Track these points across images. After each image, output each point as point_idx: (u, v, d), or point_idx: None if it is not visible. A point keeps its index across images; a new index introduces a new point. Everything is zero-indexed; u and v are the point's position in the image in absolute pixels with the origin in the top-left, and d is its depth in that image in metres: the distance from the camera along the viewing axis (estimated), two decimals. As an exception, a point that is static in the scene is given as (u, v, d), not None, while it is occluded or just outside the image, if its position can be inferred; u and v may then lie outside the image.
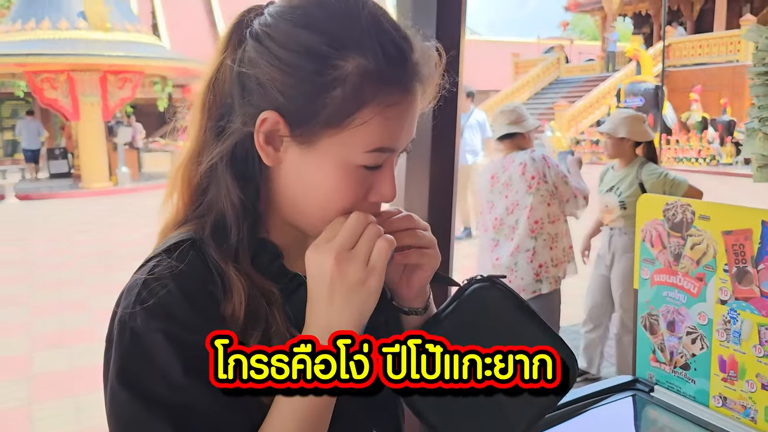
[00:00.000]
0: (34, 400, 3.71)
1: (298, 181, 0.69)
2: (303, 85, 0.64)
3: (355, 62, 0.64)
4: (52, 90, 13.27)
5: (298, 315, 0.69)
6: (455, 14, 1.50)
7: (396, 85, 0.65)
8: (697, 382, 1.30)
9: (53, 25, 13.04)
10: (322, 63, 0.63)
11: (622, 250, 3.48)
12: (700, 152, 16.15)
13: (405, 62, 0.66)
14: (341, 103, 0.64)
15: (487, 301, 0.80)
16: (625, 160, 3.50)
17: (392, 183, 0.71)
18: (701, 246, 1.26)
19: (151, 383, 0.61)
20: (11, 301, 5.83)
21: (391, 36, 0.66)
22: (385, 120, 0.65)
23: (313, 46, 0.64)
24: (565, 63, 24.83)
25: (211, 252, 0.68)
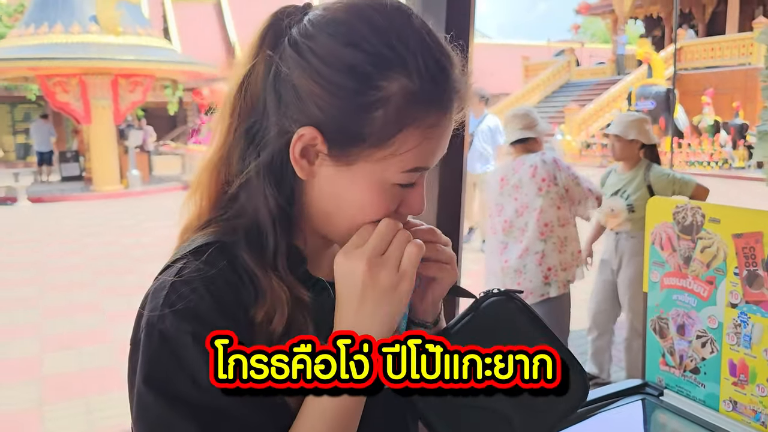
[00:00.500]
0: (45, 402, 3.73)
1: (331, 196, 0.68)
2: (344, 104, 0.63)
3: (398, 83, 0.63)
4: (64, 93, 13.39)
5: (320, 319, 0.69)
6: (464, 17, 1.50)
7: (437, 106, 0.65)
8: (707, 386, 1.29)
9: (66, 29, 13.16)
10: (365, 82, 0.62)
11: (630, 254, 3.46)
12: (712, 156, 16.04)
13: (446, 82, 0.66)
14: (383, 125, 0.63)
15: (501, 316, 0.80)
16: (630, 163, 3.48)
17: (422, 198, 0.71)
18: (711, 249, 1.25)
19: (178, 385, 0.61)
20: (23, 303, 5.87)
21: (434, 54, 0.65)
22: (424, 140, 0.65)
23: (356, 64, 0.63)
24: (575, 66, 24.75)
25: (244, 257, 0.67)
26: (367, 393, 0.65)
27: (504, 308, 0.80)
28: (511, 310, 0.80)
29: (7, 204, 13.14)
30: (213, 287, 0.63)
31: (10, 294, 6.21)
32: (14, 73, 14.33)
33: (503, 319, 0.80)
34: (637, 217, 3.37)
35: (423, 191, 0.71)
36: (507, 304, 0.80)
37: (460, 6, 1.49)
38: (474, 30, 1.56)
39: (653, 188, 3.36)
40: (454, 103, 0.67)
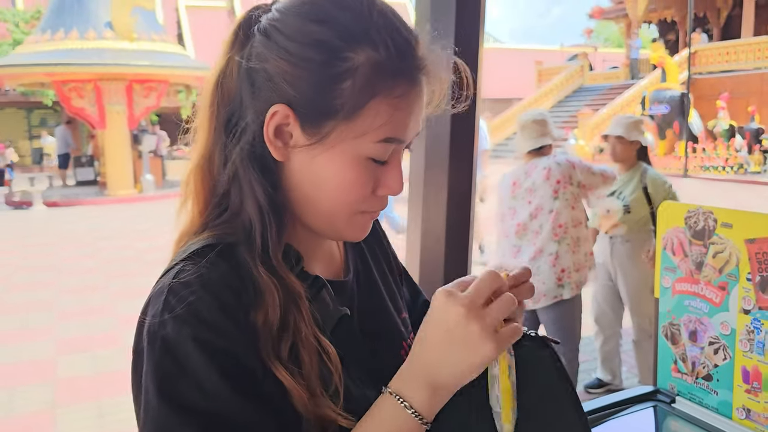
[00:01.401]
0: (58, 404, 3.76)
1: (309, 177, 0.68)
2: (313, 77, 0.64)
3: (365, 55, 0.64)
4: (80, 99, 13.54)
5: (323, 316, 0.69)
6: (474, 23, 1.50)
7: (404, 77, 0.66)
8: (720, 393, 1.27)
9: (81, 36, 13.31)
10: (332, 55, 0.63)
11: (627, 260, 3.45)
12: (727, 161, 15.87)
13: (412, 56, 0.66)
14: (352, 95, 0.64)
15: (530, 361, 0.77)
16: (627, 164, 3.49)
17: (400, 177, 0.70)
18: (724, 254, 1.23)
19: (184, 392, 0.60)
20: (38, 306, 5.93)
21: (399, 30, 0.67)
22: (394, 110, 0.65)
23: (323, 38, 0.64)
24: (588, 71, 24.66)
25: (245, 256, 0.66)
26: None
27: (535, 354, 0.76)
28: (543, 358, 0.77)
29: (23, 208, 13.29)
30: (212, 287, 0.62)
31: (26, 297, 6.28)
32: (31, 79, 14.52)
33: (531, 365, 0.77)
34: (632, 219, 3.38)
35: (400, 170, 0.70)
36: (540, 351, 0.77)
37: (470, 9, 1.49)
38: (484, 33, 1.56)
39: (649, 191, 3.36)
40: (422, 77, 0.67)
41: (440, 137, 1.52)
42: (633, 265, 3.43)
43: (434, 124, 1.52)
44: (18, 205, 13.57)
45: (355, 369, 0.71)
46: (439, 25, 1.50)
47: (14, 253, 8.52)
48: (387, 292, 0.87)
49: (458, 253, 1.59)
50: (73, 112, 14.31)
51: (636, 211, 3.37)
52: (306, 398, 0.64)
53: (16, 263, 7.91)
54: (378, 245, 0.93)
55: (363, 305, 0.80)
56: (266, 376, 0.63)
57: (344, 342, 0.71)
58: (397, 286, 0.93)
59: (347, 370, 0.70)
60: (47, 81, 14.27)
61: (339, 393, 0.66)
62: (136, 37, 13.53)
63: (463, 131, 1.52)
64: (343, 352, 0.69)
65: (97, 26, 13.44)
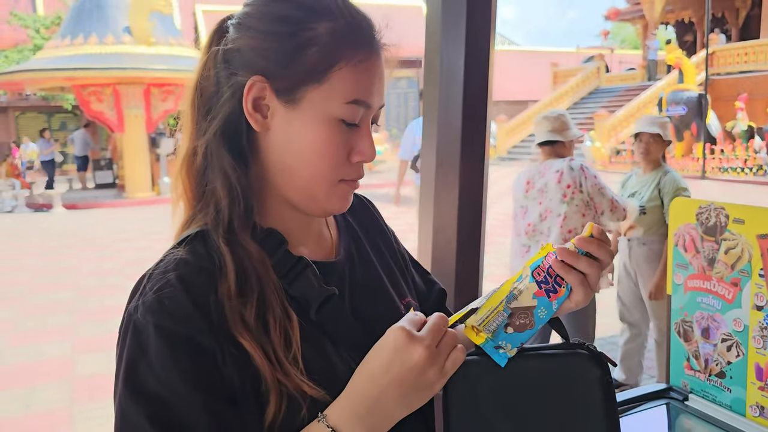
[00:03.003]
0: (76, 402, 3.82)
1: (287, 145, 0.72)
2: (282, 47, 0.70)
3: (326, 25, 0.71)
4: (99, 103, 13.71)
5: (306, 295, 0.73)
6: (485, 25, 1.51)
7: (363, 46, 0.72)
8: (733, 390, 1.26)
9: (100, 41, 13.49)
10: (296, 27, 0.70)
11: (644, 262, 3.44)
12: (746, 162, 15.66)
13: (369, 26, 0.74)
14: (318, 59, 0.70)
15: (579, 374, 0.76)
16: (654, 164, 3.47)
17: (370, 142, 0.75)
18: (736, 250, 1.23)
19: (141, 375, 0.64)
20: (58, 306, 6.02)
21: (356, 8, 0.74)
22: (357, 74, 0.71)
23: (287, 13, 0.71)
24: (605, 72, 24.48)
25: (213, 236, 0.71)
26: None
27: (587, 369, 0.76)
28: (593, 377, 0.75)
29: (43, 211, 13.48)
30: (185, 274, 0.67)
31: (46, 298, 6.37)
32: (51, 84, 14.74)
33: (579, 378, 0.76)
34: (647, 221, 3.35)
35: (370, 136, 0.75)
36: (593, 368, 0.76)
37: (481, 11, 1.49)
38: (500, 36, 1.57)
39: (661, 192, 3.34)
40: (381, 50, 0.74)
41: (451, 137, 1.52)
42: (650, 268, 3.41)
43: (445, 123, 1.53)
44: (38, 207, 13.77)
45: (345, 347, 0.74)
46: (450, 27, 1.51)
47: (35, 255, 8.65)
48: (386, 274, 0.89)
49: (470, 253, 1.59)
50: (92, 116, 14.49)
51: (650, 213, 3.35)
52: (267, 364, 0.66)
53: (36, 265, 8.03)
54: (374, 228, 0.95)
55: (356, 286, 0.82)
56: (231, 357, 0.65)
57: (332, 320, 0.74)
58: (399, 268, 0.94)
59: (336, 348, 0.73)
60: (67, 85, 14.46)
61: (298, 360, 0.68)
62: (154, 41, 13.68)
63: (474, 131, 1.53)
64: (332, 330, 0.74)
65: (116, 31, 13.61)
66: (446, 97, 1.54)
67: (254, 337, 0.66)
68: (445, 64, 1.52)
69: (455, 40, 1.50)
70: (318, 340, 0.73)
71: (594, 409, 0.75)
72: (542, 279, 0.71)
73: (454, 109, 1.52)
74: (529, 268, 0.71)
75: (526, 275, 0.71)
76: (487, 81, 1.54)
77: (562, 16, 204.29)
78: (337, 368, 0.71)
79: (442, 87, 1.54)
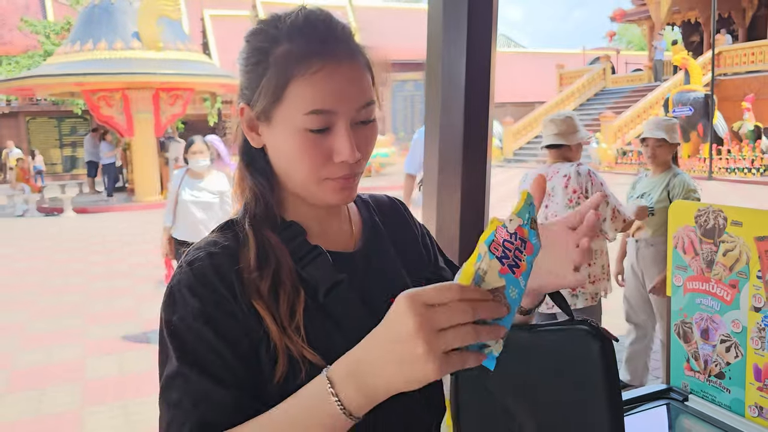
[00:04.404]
0: (86, 404, 3.86)
1: (278, 154, 0.84)
2: (252, 76, 0.83)
3: (281, 48, 0.80)
4: (108, 107, 13.82)
5: (316, 278, 0.82)
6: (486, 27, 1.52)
7: (316, 57, 0.79)
8: (733, 391, 1.28)
9: (109, 46, 13.61)
10: (260, 56, 0.82)
11: (651, 264, 3.44)
12: (753, 162, 15.58)
13: (319, 38, 0.81)
14: (275, 80, 0.80)
15: (577, 347, 0.78)
16: (663, 166, 3.47)
17: (347, 143, 0.80)
18: (734, 252, 1.25)
19: (172, 320, 0.78)
20: (69, 309, 6.08)
21: (308, 23, 0.82)
22: (312, 85, 0.78)
23: (256, 46, 0.83)
24: (611, 73, 24.42)
25: (240, 221, 0.86)
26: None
27: (584, 343, 0.77)
28: (591, 350, 0.77)
29: (54, 215, 13.60)
30: (213, 251, 0.81)
31: (57, 300, 6.44)
32: (61, 89, 14.86)
33: (576, 353, 0.78)
34: (656, 222, 3.35)
35: (346, 137, 0.80)
36: (591, 341, 0.77)
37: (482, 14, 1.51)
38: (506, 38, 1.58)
39: (671, 193, 3.34)
40: (337, 52, 0.80)
41: (453, 139, 1.54)
42: (657, 269, 3.41)
43: (447, 127, 1.55)
44: (49, 211, 13.90)
45: (350, 331, 0.78)
46: (451, 30, 1.53)
47: (46, 258, 8.73)
48: (408, 270, 0.95)
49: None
50: (102, 121, 14.60)
51: (660, 214, 3.36)
52: (276, 328, 0.77)
53: (47, 268, 8.11)
54: (402, 228, 1.02)
55: (372, 276, 0.89)
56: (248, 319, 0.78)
57: (339, 304, 0.83)
58: (425, 266, 1.00)
59: (340, 330, 0.81)
60: (77, 90, 14.59)
61: (300, 329, 0.78)
62: (162, 46, 13.78)
63: (476, 134, 1.55)
64: (338, 313, 0.82)
65: (125, 37, 13.72)
66: (448, 101, 1.55)
67: (266, 305, 0.78)
68: (446, 68, 1.54)
69: (456, 43, 1.51)
70: (322, 320, 0.81)
71: (596, 381, 0.76)
72: (501, 254, 0.62)
73: (455, 113, 1.53)
74: (484, 245, 0.63)
75: (484, 252, 0.62)
76: (489, 84, 1.55)
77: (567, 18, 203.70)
78: (338, 347, 0.73)
79: (444, 90, 1.56)
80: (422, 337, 0.59)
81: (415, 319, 0.59)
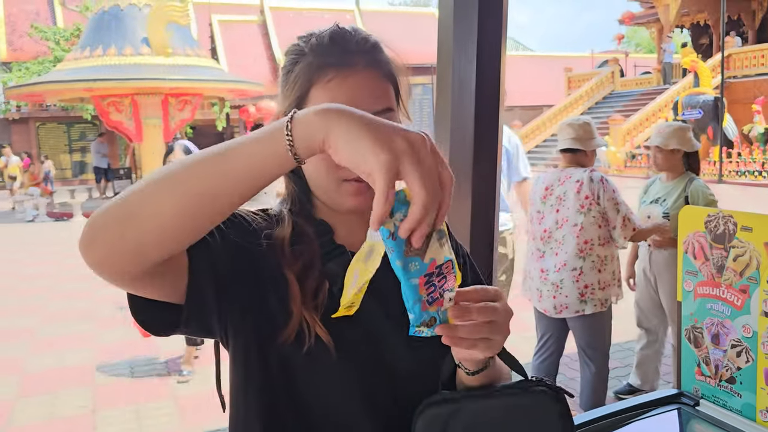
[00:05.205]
0: (98, 408, 3.89)
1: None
2: (284, 84, 0.92)
3: (304, 60, 0.89)
4: (118, 113, 13.93)
5: (336, 274, 0.84)
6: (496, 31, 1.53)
7: (331, 65, 0.86)
8: (744, 395, 1.28)
9: (119, 52, 13.72)
10: (291, 66, 0.91)
11: (664, 268, 3.42)
12: (763, 165, 15.49)
13: (341, 49, 0.88)
14: (299, 89, 0.88)
15: (540, 410, 0.81)
16: (674, 173, 3.44)
17: None
18: (744, 257, 1.25)
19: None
20: (79, 313, 6.13)
21: (327, 37, 0.90)
22: (330, 91, 0.86)
23: (290, 58, 0.92)
24: (620, 76, 24.36)
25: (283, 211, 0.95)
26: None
27: (546, 406, 0.81)
28: (554, 411, 0.81)
29: (63, 220, 13.70)
30: (256, 219, 0.92)
31: (68, 305, 6.49)
32: (71, 95, 14.99)
33: (538, 414, 0.81)
34: (670, 227, 3.33)
35: None
36: (553, 404, 0.81)
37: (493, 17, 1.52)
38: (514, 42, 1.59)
39: (689, 200, 3.31)
40: (353, 62, 0.86)
41: (463, 144, 1.55)
42: (670, 274, 3.38)
43: (457, 131, 1.56)
44: (59, 216, 14.00)
45: (364, 327, 0.87)
46: (462, 35, 1.54)
47: (56, 263, 8.80)
48: None
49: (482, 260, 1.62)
50: (111, 126, 14.71)
51: (674, 220, 3.33)
52: (298, 296, 0.84)
53: (57, 273, 8.17)
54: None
55: (391, 281, 0.89)
56: (269, 274, 0.86)
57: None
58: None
59: (355, 327, 0.85)
60: (87, 96, 14.71)
61: (318, 310, 0.84)
62: (171, 52, 13.88)
63: (486, 139, 1.55)
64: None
65: (134, 43, 13.83)
66: (458, 106, 1.56)
67: (296, 276, 0.85)
68: (456, 72, 1.54)
69: (467, 48, 1.52)
70: (335, 312, 0.83)
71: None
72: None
73: (466, 118, 1.54)
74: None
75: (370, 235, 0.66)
76: (499, 89, 1.56)
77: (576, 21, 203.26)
78: (347, 337, 0.85)
79: (454, 95, 1.56)
80: (410, 140, 0.61)
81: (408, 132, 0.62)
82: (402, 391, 0.88)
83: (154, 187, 0.68)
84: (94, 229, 0.71)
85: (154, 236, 0.68)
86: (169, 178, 0.67)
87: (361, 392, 0.86)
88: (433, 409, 0.84)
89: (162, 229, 0.68)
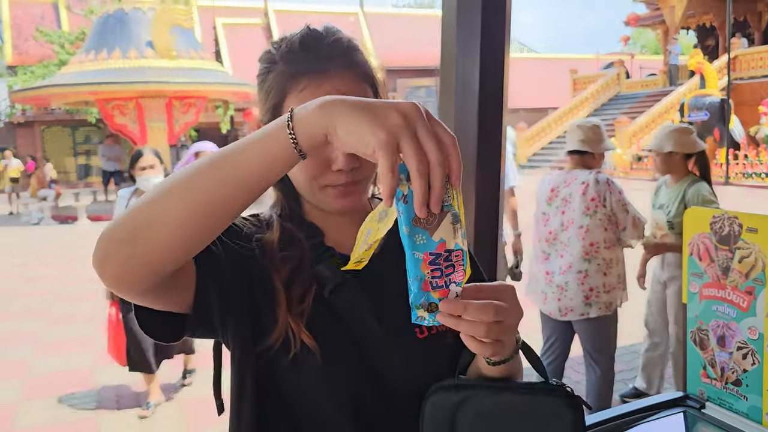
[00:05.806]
0: (102, 411, 3.89)
1: None
2: (260, 93, 0.93)
3: (277, 68, 0.89)
4: (122, 116, 13.96)
5: (324, 276, 0.88)
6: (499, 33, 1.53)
7: (304, 74, 0.86)
8: (750, 398, 1.27)
9: (123, 55, 13.76)
10: (265, 74, 0.91)
11: (676, 268, 3.40)
12: (771, 167, 15.44)
13: (306, 57, 0.87)
14: (273, 98, 0.89)
15: (553, 416, 0.79)
16: (676, 176, 3.41)
17: (342, 155, 0.84)
18: (750, 259, 1.24)
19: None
20: (84, 316, 6.13)
21: (297, 43, 0.89)
22: (300, 101, 0.77)
23: (263, 66, 0.92)
24: (625, 78, 24.31)
25: (272, 214, 0.96)
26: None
27: (561, 413, 0.79)
28: (567, 420, 0.79)
29: (68, 223, 13.74)
30: (247, 224, 0.93)
31: (72, 308, 6.50)
32: (76, 98, 15.03)
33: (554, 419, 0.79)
34: (677, 234, 3.29)
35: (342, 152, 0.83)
36: (568, 412, 0.79)
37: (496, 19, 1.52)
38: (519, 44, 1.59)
39: (687, 206, 3.28)
40: (326, 68, 0.86)
41: (467, 146, 1.55)
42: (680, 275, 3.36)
43: (460, 132, 1.56)
44: (63, 219, 14.05)
45: (353, 330, 0.87)
46: (465, 37, 1.53)
47: (61, 266, 8.82)
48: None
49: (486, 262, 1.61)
50: (115, 129, 14.75)
51: (679, 227, 3.30)
52: (284, 304, 0.84)
53: (62, 275, 8.19)
54: None
55: (380, 282, 0.91)
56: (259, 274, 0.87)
57: (342, 303, 0.88)
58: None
59: (344, 328, 0.87)
60: (91, 99, 14.75)
61: (303, 315, 0.85)
62: (175, 55, 13.91)
63: (490, 140, 1.55)
64: (341, 311, 0.87)
65: (139, 46, 13.87)
66: (461, 108, 1.56)
67: (282, 282, 0.86)
68: (460, 75, 1.54)
69: (470, 50, 1.52)
70: (325, 314, 0.87)
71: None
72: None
73: (469, 120, 1.54)
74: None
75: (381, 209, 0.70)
76: (502, 92, 1.56)
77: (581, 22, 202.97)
78: (335, 339, 0.86)
79: (458, 97, 1.56)
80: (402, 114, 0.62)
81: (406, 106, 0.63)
82: (391, 395, 0.87)
83: (163, 199, 0.69)
84: (106, 244, 0.72)
85: (166, 247, 0.69)
86: (178, 189, 0.68)
87: (349, 396, 0.86)
88: (442, 394, 0.83)
89: (173, 239, 0.69)
